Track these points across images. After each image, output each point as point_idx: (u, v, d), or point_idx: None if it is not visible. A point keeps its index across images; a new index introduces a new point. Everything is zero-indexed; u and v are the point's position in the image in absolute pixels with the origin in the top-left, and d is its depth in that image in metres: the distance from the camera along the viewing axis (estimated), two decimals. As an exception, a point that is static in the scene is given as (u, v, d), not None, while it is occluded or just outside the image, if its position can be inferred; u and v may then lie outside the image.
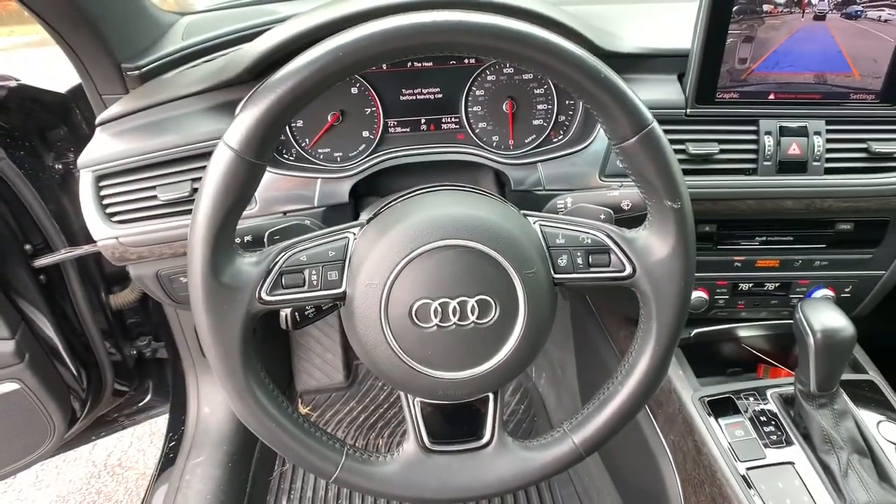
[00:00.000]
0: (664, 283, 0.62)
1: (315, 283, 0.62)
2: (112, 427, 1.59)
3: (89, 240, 1.21)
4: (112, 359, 1.39)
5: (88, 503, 1.87)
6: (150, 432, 2.09)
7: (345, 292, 0.62)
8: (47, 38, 0.90)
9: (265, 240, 0.71)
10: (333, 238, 0.64)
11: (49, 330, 1.22)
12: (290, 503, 1.51)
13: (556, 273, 0.64)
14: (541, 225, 0.65)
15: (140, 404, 1.58)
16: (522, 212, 0.67)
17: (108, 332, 1.39)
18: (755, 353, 1.07)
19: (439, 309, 0.60)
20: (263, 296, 0.60)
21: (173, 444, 1.44)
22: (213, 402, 1.46)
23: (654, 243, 0.63)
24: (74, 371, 1.29)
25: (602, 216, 0.74)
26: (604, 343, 1.25)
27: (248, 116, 0.54)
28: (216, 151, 0.56)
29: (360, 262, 0.61)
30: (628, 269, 0.63)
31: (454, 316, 0.60)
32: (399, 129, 0.95)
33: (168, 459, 1.41)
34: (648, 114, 0.57)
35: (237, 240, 0.76)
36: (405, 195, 0.69)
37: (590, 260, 0.64)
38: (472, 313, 0.60)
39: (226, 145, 0.55)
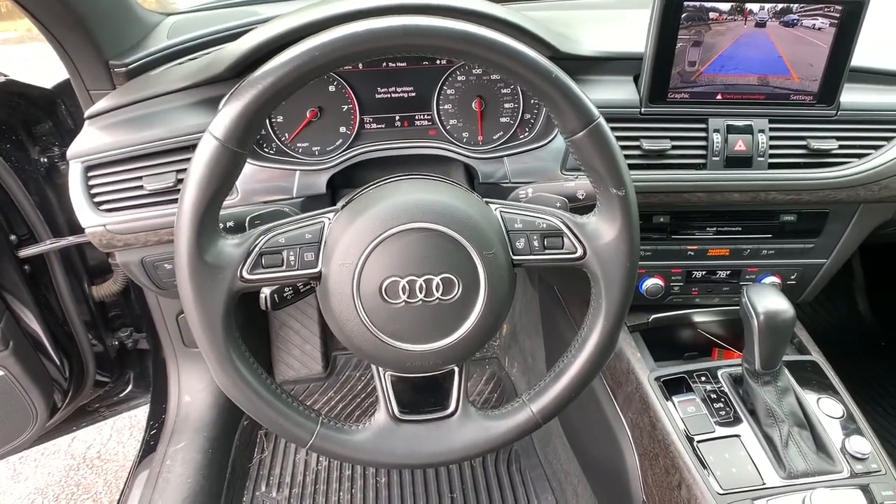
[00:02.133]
0: (611, 264, 0.69)
1: (293, 263, 0.67)
2: (93, 417, 1.61)
3: (73, 231, 1.25)
4: (94, 349, 1.41)
5: (67, 495, 1.88)
6: (130, 425, 2.11)
7: (320, 272, 0.67)
8: (25, 35, 0.94)
9: (246, 224, 0.77)
10: (310, 222, 0.69)
11: (33, 320, 1.25)
12: (268, 489, 1.55)
13: (514, 255, 0.70)
14: (501, 211, 0.71)
15: (121, 395, 1.60)
16: (485, 199, 0.73)
17: (90, 323, 1.41)
18: (710, 338, 1.14)
19: (407, 286, 0.65)
20: (245, 274, 0.65)
21: (154, 431, 1.47)
22: (194, 390, 1.49)
23: (603, 227, 0.69)
24: (57, 360, 1.32)
25: (558, 204, 0.81)
26: (570, 330, 1.32)
27: (231, 109, 0.59)
28: (202, 141, 0.61)
29: (334, 243, 0.67)
30: (579, 251, 0.69)
31: (421, 293, 0.65)
32: (374, 126, 0.99)
33: (149, 447, 1.44)
34: (595, 110, 0.63)
35: (220, 225, 0.81)
36: (376, 183, 0.74)
37: (545, 243, 0.70)
38: (437, 290, 0.66)
39: (211, 135, 0.60)
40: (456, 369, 0.73)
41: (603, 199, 0.68)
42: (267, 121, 0.97)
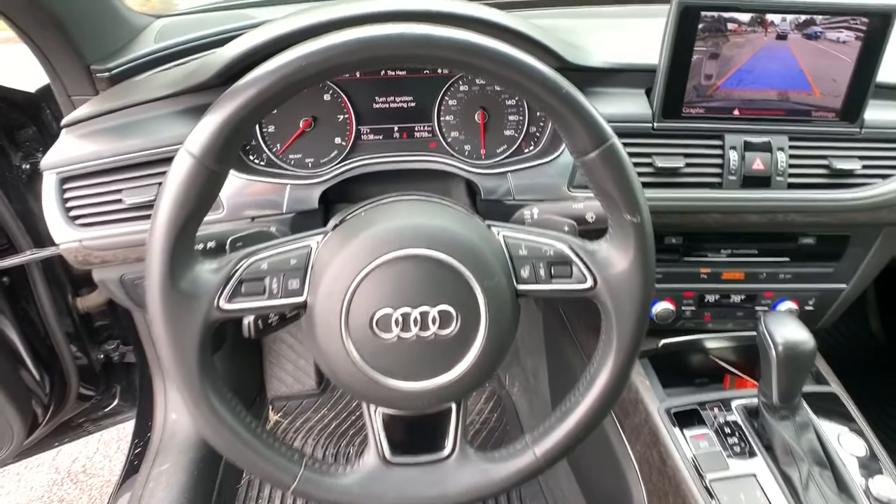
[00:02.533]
0: (624, 296, 0.63)
1: (275, 291, 0.61)
2: (77, 433, 1.56)
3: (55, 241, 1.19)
4: (78, 363, 1.36)
5: (50, 511, 1.82)
6: (118, 438, 2.05)
7: (306, 301, 0.62)
8: (14, 36, 0.89)
9: (227, 247, 0.71)
10: (296, 246, 0.63)
11: (11, 332, 1.20)
12: (257, 512, 1.49)
13: (518, 284, 0.64)
14: (504, 236, 0.65)
15: (107, 409, 1.54)
16: (487, 222, 0.67)
17: (74, 336, 1.36)
18: (722, 364, 1.08)
19: (400, 319, 0.60)
20: (222, 304, 0.60)
21: (138, 450, 1.41)
22: (181, 408, 1.43)
23: (615, 256, 0.63)
24: (36, 375, 1.27)
25: (566, 228, 0.75)
26: (575, 353, 1.26)
27: (208, 123, 0.54)
28: (176, 158, 0.56)
29: (321, 270, 0.61)
30: (589, 282, 0.63)
31: (415, 326, 0.60)
32: (372, 137, 0.95)
33: (132, 467, 1.38)
34: (608, 129, 0.58)
35: (199, 246, 0.76)
36: (369, 204, 0.69)
37: (552, 271, 0.64)
38: (434, 324, 0.60)
39: (186, 152, 0.55)
40: (453, 406, 0.67)
41: (615, 225, 0.63)
42: (258, 130, 0.92)
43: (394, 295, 0.59)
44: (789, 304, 1.02)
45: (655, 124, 0.89)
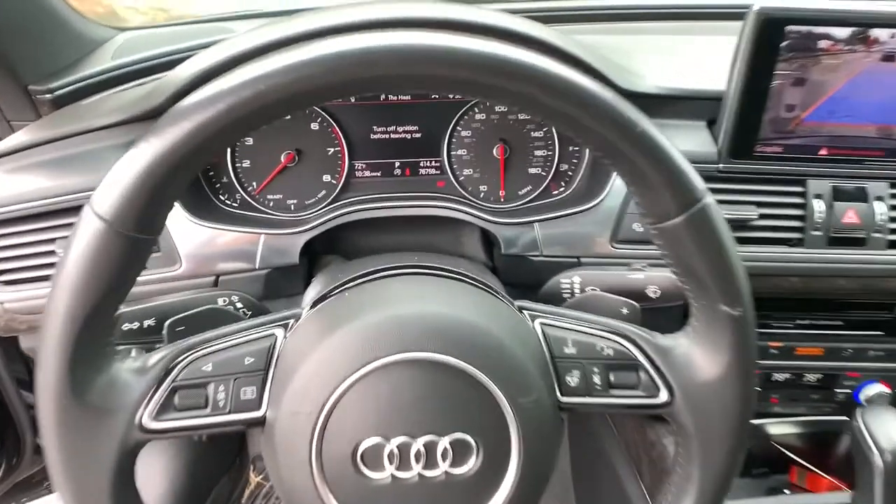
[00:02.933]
0: (713, 416, 0.45)
1: (222, 403, 0.44)
2: (37, 491, 1.39)
3: None
4: (32, 413, 1.20)
5: (10, 576, 1.63)
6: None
7: (264, 417, 0.44)
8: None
9: (164, 332, 0.53)
10: (255, 336, 0.47)
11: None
12: None
13: (563, 395, 0.47)
14: (542, 325, 0.48)
15: (70, 464, 1.39)
16: (518, 304, 0.50)
17: (27, 384, 1.21)
18: (791, 456, 0.90)
19: (396, 452, 0.43)
20: (146, 421, 0.43)
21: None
22: (145, 474, 1.25)
23: (699, 358, 0.45)
24: (-20, 432, 1.11)
25: (625, 311, 0.57)
26: (605, 427, 1.08)
27: (124, 174, 0.37)
28: (81, 220, 0.39)
29: (287, 373, 0.44)
30: (664, 394, 0.46)
31: (418, 462, 0.43)
32: (367, 173, 0.81)
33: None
34: (701, 184, 0.41)
35: (135, 325, 0.58)
36: (357, 279, 0.52)
37: (610, 378, 0.47)
38: (444, 459, 0.44)
39: (94, 213, 0.38)
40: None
41: (703, 315, 0.45)
42: (230, 165, 0.77)
43: (387, 418, 0.43)
44: (879, 388, 0.83)
45: (721, 165, 0.73)
